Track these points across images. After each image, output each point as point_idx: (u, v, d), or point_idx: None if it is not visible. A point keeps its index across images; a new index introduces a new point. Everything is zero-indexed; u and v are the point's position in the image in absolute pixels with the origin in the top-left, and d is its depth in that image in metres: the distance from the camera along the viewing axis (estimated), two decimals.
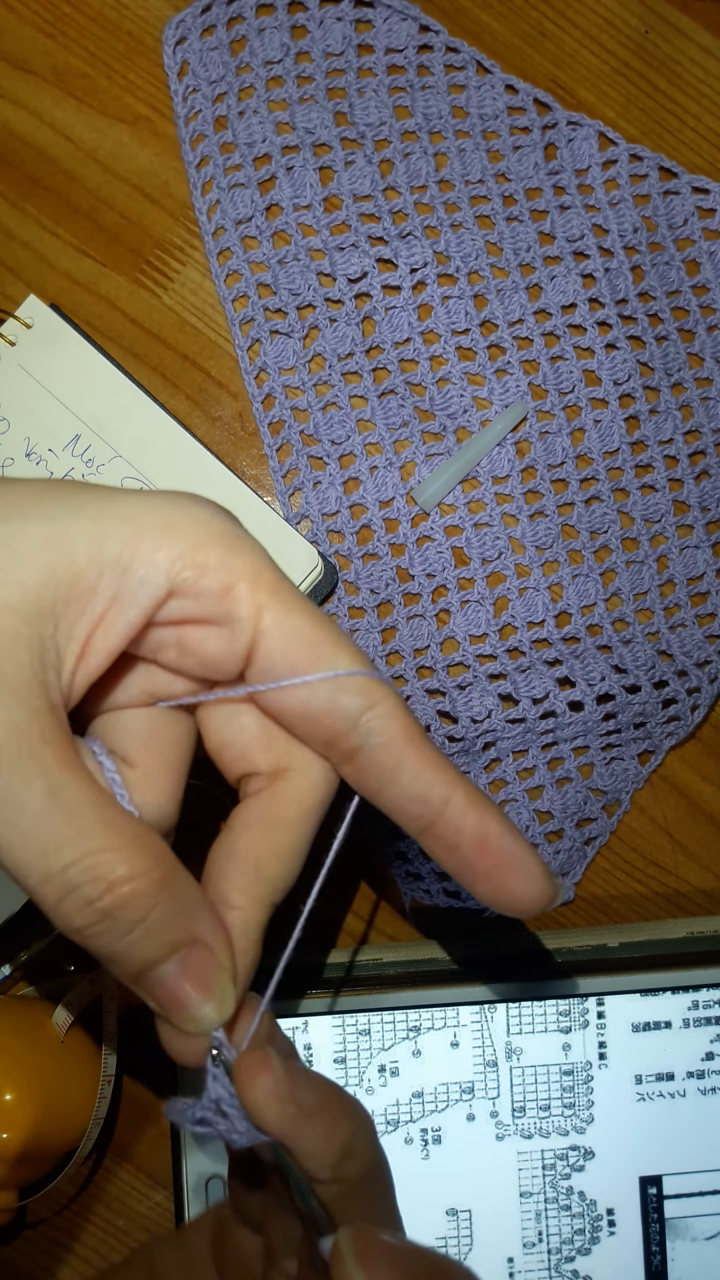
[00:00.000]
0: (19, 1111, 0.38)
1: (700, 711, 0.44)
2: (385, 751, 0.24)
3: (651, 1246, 0.40)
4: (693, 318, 0.44)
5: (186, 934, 0.23)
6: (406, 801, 0.24)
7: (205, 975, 0.23)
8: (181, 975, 0.23)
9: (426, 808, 0.24)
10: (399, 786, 0.24)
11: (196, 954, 0.23)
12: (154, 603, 0.23)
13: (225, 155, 0.44)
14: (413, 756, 0.24)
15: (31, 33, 0.44)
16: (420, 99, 0.44)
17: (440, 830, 0.24)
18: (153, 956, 0.23)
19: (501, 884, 0.24)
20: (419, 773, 0.24)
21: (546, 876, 0.24)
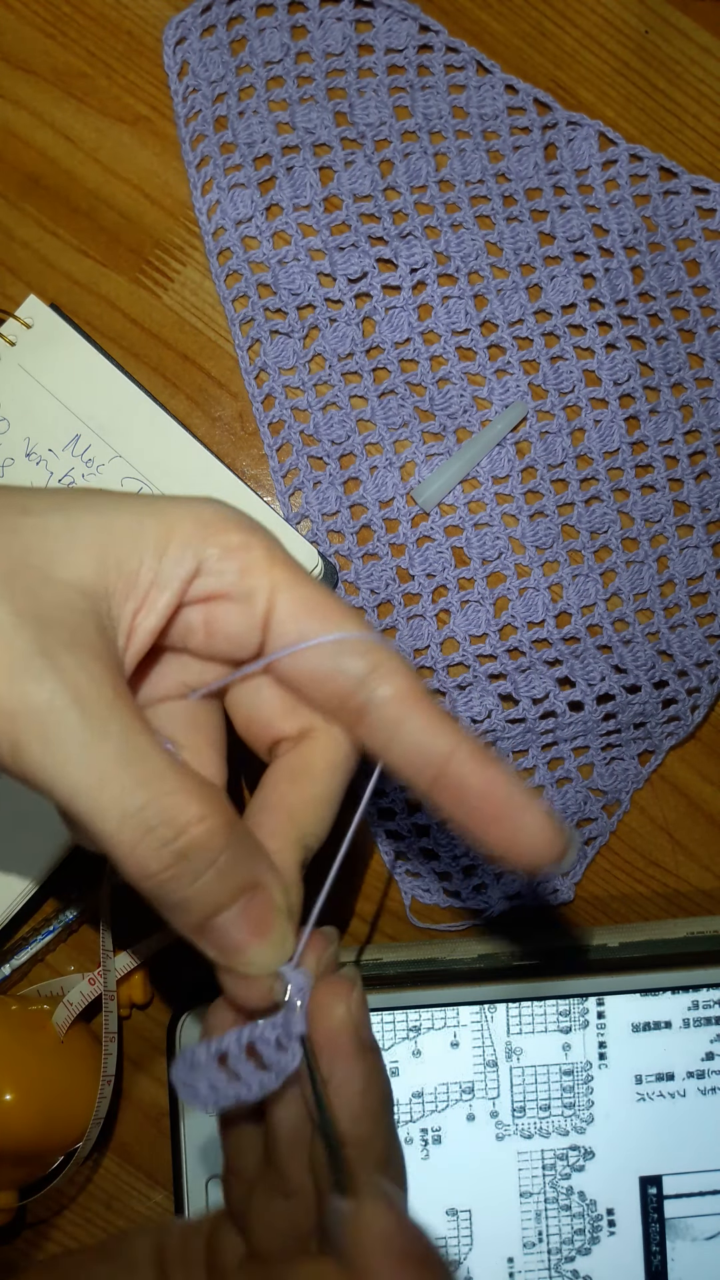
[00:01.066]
0: (19, 1111, 0.38)
1: (700, 711, 0.44)
2: (390, 707, 0.25)
3: (651, 1246, 0.40)
4: (693, 318, 0.44)
5: (251, 876, 0.24)
6: (414, 754, 0.25)
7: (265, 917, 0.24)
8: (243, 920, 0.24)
9: (432, 760, 0.25)
10: (405, 740, 0.25)
11: (257, 897, 0.24)
12: (184, 582, 0.25)
13: (225, 155, 0.44)
14: (417, 711, 0.25)
15: (31, 33, 0.44)
16: (420, 99, 0.44)
17: (447, 781, 0.25)
18: (221, 900, 0.24)
19: (510, 831, 0.25)
20: (424, 725, 0.25)
21: (555, 824, 0.25)
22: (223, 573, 0.25)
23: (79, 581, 0.24)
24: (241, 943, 0.24)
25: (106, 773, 0.22)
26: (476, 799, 0.25)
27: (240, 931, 0.24)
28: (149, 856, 0.23)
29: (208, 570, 0.25)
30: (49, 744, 0.22)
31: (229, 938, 0.24)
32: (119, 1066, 0.42)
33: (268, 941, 0.24)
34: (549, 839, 0.25)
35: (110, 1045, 0.40)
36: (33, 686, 0.22)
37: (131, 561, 0.24)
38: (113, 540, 0.24)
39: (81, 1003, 0.40)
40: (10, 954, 0.42)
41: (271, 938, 0.25)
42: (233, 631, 0.26)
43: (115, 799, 0.22)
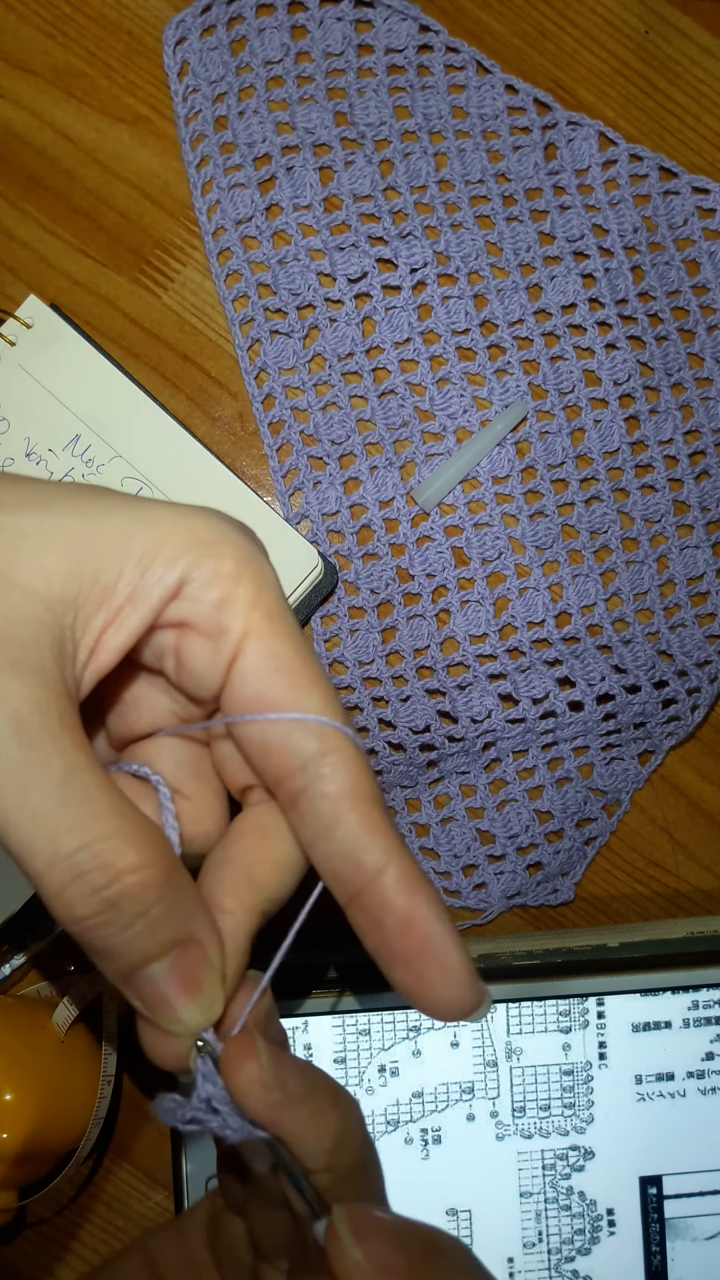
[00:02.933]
0: (19, 1111, 0.38)
1: (700, 711, 0.44)
2: (327, 801, 0.23)
3: (651, 1246, 0.40)
4: (693, 318, 0.44)
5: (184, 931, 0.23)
6: (339, 861, 0.23)
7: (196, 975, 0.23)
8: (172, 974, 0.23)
9: (357, 873, 0.23)
10: (333, 843, 0.23)
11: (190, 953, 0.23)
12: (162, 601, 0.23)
13: (225, 155, 0.44)
14: (354, 815, 0.23)
15: (31, 33, 0.44)
16: (420, 99, 0.44)
17: (366, 901, 0.23)
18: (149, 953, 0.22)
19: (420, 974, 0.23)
20: (357, 833, 0.23)
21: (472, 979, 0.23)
22: (199, 600, 0.23)
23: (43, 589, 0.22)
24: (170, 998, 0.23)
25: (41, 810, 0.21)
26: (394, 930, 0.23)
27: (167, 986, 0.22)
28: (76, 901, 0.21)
29: (187, 594, 0.23)
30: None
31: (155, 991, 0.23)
32: (119, 1066, 0.42)
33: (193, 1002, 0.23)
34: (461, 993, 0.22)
35: (110, 1045, 0.39)
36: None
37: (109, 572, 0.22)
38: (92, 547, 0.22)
39: (81, 1003, 0.40)
40: (10, 954, 0.42)
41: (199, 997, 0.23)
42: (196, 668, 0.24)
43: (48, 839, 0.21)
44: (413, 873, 0.23)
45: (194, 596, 0.23)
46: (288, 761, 0.23)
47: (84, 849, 0.21)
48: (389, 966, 0.23)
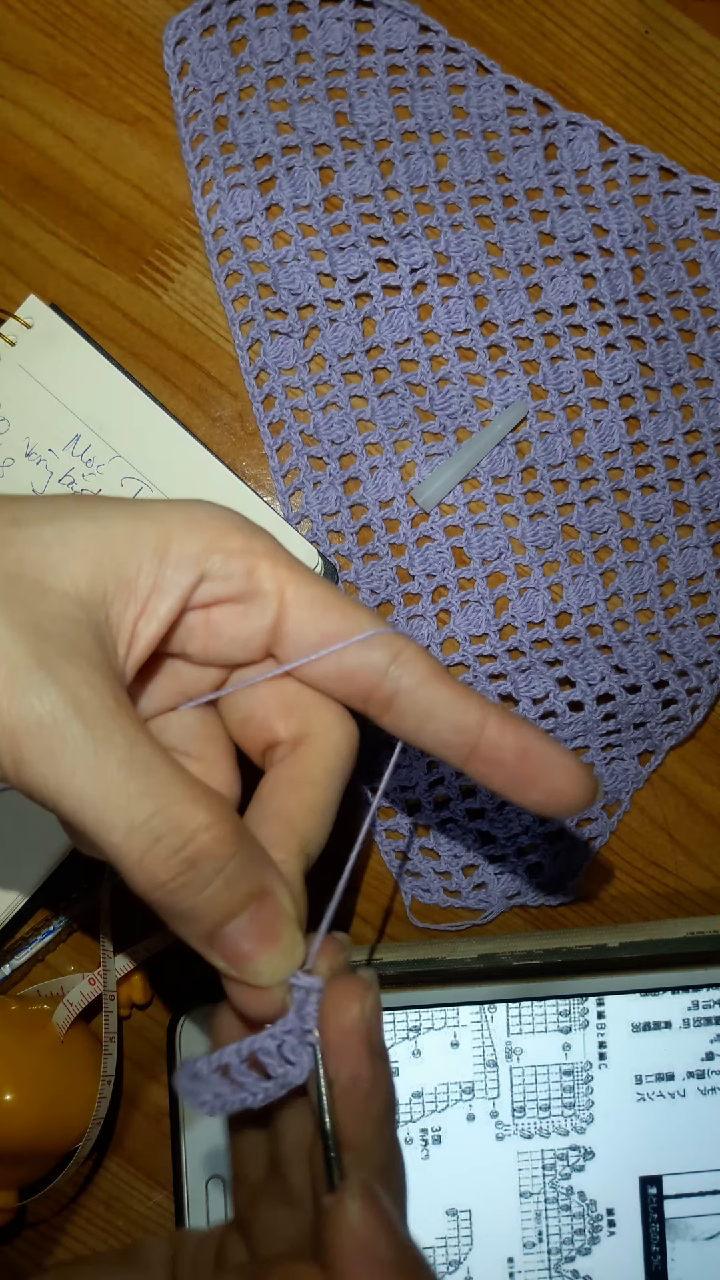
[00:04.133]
0: (19, 1111, 0.38)
1: (700, 711, 0.44)
2: (419, 690, 0.26)
3: (651, 1246, 0.40)
4: (693, 318, 0.44)
5: (260, 884, 0.24)
6: (448, 732, 0.26)
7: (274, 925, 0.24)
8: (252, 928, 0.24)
9: (467, 733, 0.26)
10: (438, 719, 0.26)
11: (266, 905, 0.24)
12: (188, 588, 0.25)
13: (225, 155, 0.44)
14: (445, 690, 0.26)
15: (31, 33, 0.44)
16: (420, 99, 0.44)
17: (484, 751, 0.26)
18: (230, 908, 0.24)
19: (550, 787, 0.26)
20: (453, 702, 0.26)
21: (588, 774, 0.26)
22: (229, 576, 0.25)
23: (75, 591, 0.24)
24: (250, 952, 0.24)
25: (112, 784, 0.22)
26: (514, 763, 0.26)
27: (249, 940, 0.24)
28: (157, 866, 0.22)
29: (212, 575, 0.25)
30: (53, 758, 0.22)
31: (238, 947, 0.24)
32: (119, 1066, 0.42)
33: (277, 949, 0.24)
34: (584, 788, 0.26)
35: (110, 1045, 0.40)
36: (33, 700, 0.22)
37: (129, 568, 0.24)
38: (109, 547, 0.24)
39: (81, 1003, 0.40)
40: (10, 954, 0.42)
41: (281, 946, 0.24)
42: (239, 634, 0.26)
43: (122, 810, 0.22)
44: (509, 714, 0.26)
45: (221, 575, 0.25)
46: (372, 676, 0.26)
47: (157, 814, 0.22)
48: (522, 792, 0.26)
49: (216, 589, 0.25)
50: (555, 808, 0.27)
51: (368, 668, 0.26)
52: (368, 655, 0.26)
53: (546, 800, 0.26)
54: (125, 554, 0.24)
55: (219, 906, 0.23)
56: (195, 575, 0.25)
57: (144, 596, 0.25)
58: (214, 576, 0.25)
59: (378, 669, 0.26)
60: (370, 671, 0.26)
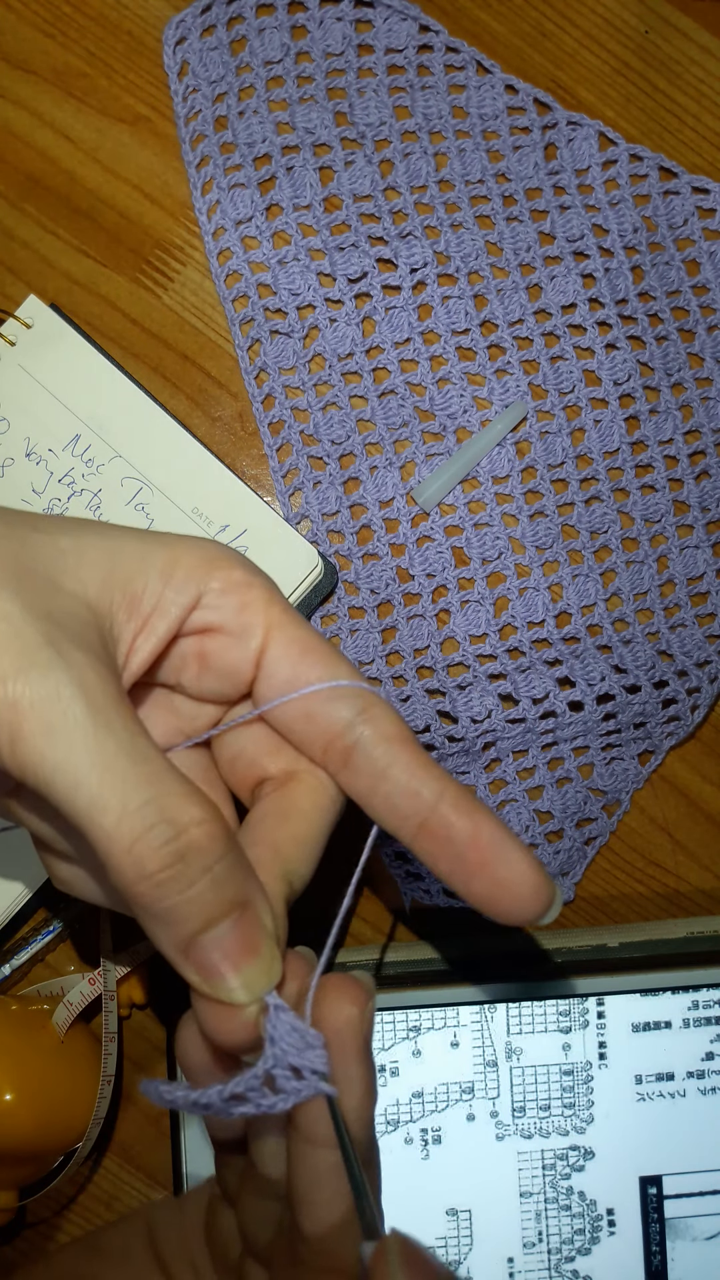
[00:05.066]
0: (19, 1111, 0.38)
1: (700, 711, 0.44)
2: (378, 748, 0.25)
3: (651, 1246, 0.40)
4: (693, 318, 0.44)
5: (243, 894, 0.24)
6: (400, 796, 0.25)
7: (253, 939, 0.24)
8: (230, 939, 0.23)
9: (419, 804, 0.25)
10: (392, 783, 0.25)
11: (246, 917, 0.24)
12: (185, 610, 0.26)
13: (225, 155, 0.44)
14: (405, 754, 0.25)
15: (31, 33, 0.44)
16: (420, 99, 0.44)
17: (434, 826, 0.25)
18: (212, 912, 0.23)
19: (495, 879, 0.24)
20: (411, 768, 0.25)
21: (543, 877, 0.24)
22: (221, 607, 0.26)
23: (84, 595, 0.24)
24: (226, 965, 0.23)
25: (110, 765, 0.22)
26: (461, 847, 0.24)
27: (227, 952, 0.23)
28: (147, 854, 0.22)
29: (207, 603, 0.26)
30: (52, 734, 0.22)
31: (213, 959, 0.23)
32: (119, 1066, 0.42)
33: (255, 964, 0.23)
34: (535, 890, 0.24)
35: (110, 1045, 0.39)
36: (39, 675, 0.22)
37: (136, 583, 0.25)
38: (118, 561, 0.25)
39: (81, 1003, 0.40)
40: (10, 954, 0.42)
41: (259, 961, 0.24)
42: (226, 666, 0.26)
43: (117, 792, 0.22)
44: (467, 793, 0.25)
45: (215, 604, 0.26)
46: (335, 725, 0.26)
47: (151, 802, 0.22)
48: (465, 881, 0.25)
49: (209, 617, 0.26)
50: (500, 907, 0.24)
51: (332, 716, 0.26)
52: (334, 705, 0.26)
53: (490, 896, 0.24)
54: (133, 569, 0.25)
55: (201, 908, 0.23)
56: (193, 598, 0.26)
57: (146, 613, 0.25)
58: (208, 605, 0.26)
59: (342, 719, 0.26)
60: (333, 720, 0.26)
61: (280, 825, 0.26)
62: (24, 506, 0.42)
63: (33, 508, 0.42)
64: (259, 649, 0.26)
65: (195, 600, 0.26)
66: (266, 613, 0.26)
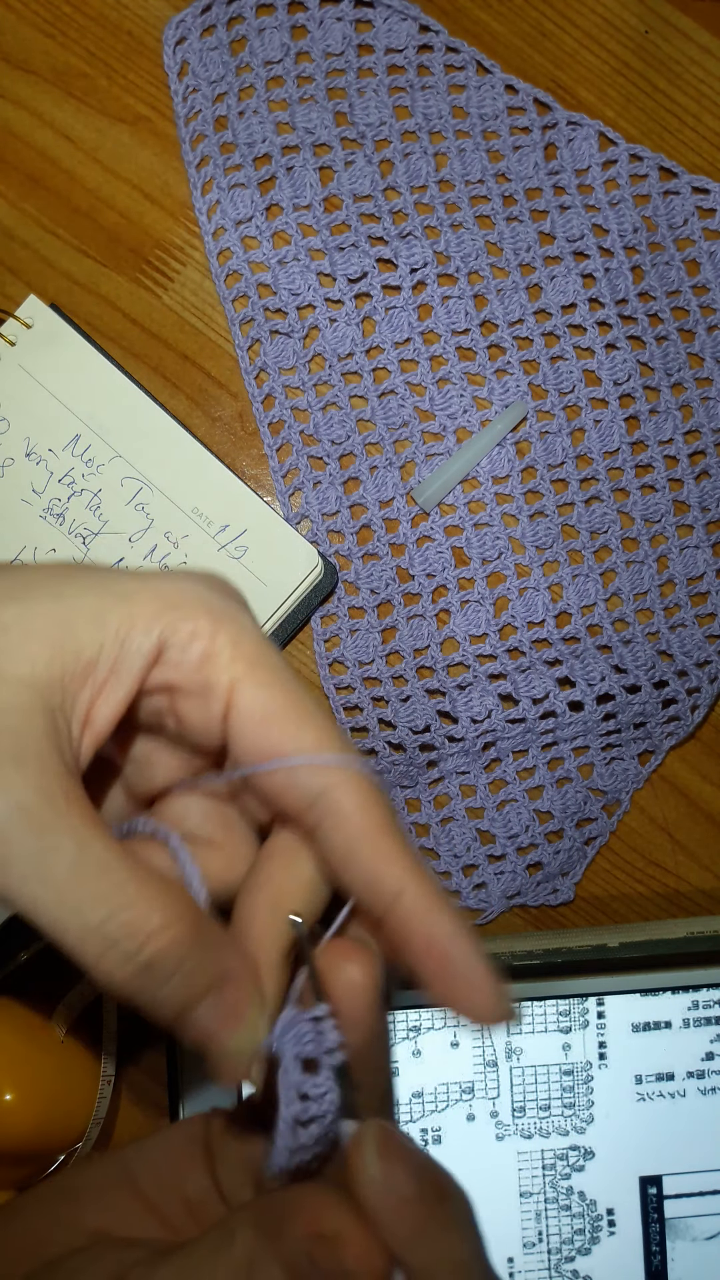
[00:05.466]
0: (19, 1111, 0.38)
1: (700, 711, 0.44)
2: (336, 838, 0.24)
3: (651, 1246, 0.40)
4: (693, 318, 0.44)
5: (219, 973, 0.24)
6: (360, 888, 0.24)
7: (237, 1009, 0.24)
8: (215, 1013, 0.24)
9: (377, 899, 0.24)
10: (350, 873, 0.24)
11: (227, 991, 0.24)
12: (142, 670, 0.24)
13: (225, 155, 0.44)
14: (366, 846, 0.24)
15: (31, 33, 0.44)
16: (420, 99, 0.44)
17: (390, 923, 0.24)
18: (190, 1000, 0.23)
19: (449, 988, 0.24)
20: (371, 862, 0.24)
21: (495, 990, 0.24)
22: (181, 662, 0.24)
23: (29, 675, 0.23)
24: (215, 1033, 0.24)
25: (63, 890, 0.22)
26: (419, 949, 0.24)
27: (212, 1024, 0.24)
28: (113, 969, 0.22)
29: (168, 659, 0.24)
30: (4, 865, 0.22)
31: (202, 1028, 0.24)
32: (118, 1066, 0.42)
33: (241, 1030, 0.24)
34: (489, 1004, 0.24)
35: (110, 1045, 0.39)
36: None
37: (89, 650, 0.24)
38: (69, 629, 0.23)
39: (81, 1003, 0.40)
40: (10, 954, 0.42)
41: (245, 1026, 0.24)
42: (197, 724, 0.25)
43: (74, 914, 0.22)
44: (428, 895, 0.24)
45: (175, 660, 0.24)
46: (296, 803, 0.24)
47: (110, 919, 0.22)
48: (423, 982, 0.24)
49: (169, 675, 0.24)
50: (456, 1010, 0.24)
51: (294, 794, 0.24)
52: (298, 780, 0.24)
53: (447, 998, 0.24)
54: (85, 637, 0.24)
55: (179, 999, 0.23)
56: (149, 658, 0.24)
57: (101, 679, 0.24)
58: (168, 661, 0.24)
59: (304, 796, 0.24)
60: (295, 798, 0.24)
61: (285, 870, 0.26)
62: (24, 507, 0.42)
63: (33, 508, 0.42)
64: (222, 711, 0.24)
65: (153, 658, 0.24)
66: (230, 669, 0.24)
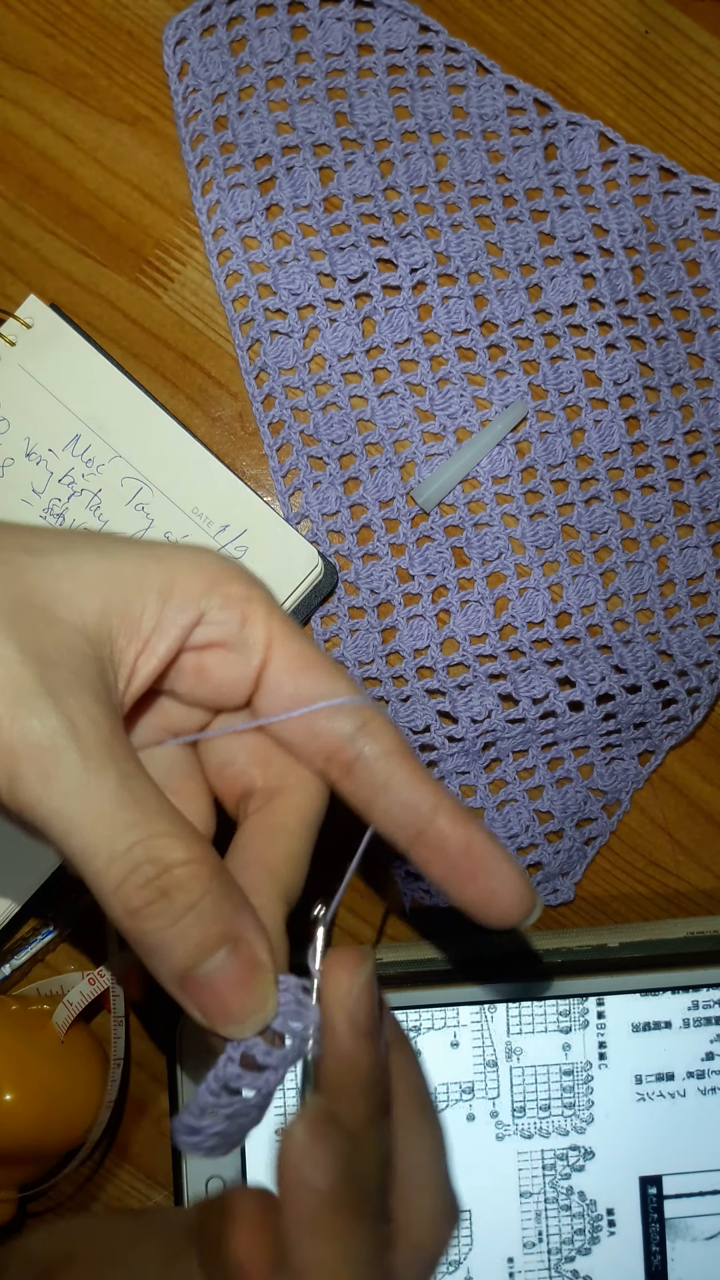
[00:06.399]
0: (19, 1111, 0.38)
1: (700, 711, 0.44)
2: (379, 762, 0.26)
3: (651, 1246, 0.40)
4: (693, 318, 0.44)
5: (233, 928, 0.24)
6: (398, 809, 0.26)
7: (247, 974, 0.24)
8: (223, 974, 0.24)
9: (416, 815, 0.26)
10: (391, 795, 0.26)
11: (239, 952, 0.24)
12: (186, 629, 0.26)
13: (225, 155, 0.44)
14: (403, 768, 0.26)
15: (31, 33, 0.44)
16: (420, 99, 0.44)
17: (430, 836, 0.26)
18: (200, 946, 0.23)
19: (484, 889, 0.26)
20: (410, 782, 0.26)
21: (528, 884, 0.26)
22: (223, 622, 0.26)
23: (82, 624, 0.24)
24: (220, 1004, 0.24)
25: (101, 813, 0.23)
26: (455, 857, 0.26)
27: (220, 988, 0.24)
28: (132, 892, 0.23)
29: (209, 619, 0.26)
30: (47, 780, 0.23)
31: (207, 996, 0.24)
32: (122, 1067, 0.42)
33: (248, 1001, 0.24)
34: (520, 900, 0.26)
35: (119, 1029, 0.39)
36: (35, 722, 0.23)
37: (135, 606, 0.25)
38: (117, 584, 0.25)
39: (81, 1002, 0.40)
40: (10, 954, 0.42)
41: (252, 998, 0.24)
42: (225, 679, 0.27)
43: (106, 839, 0.23)
44: (461, 807, 0.26)
45: (216, 620, 0.26)
46: (336, 740, 0.26)
47: (139, 845, 0.23)
48: (457, 889, 0.26)
49: (211, 632, 0.26)
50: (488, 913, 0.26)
51: (333, 731, 0.26)
52: (335, 720, 0.26)
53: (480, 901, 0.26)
54: (132, 592, 0.25)
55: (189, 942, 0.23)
56: (194, 616, 0.26)
57: (146, 634, 0.25)
58: (210, 621, 0.26)
59: (343, 734, 0.26)
60: (335, 736, 0.26)
61: (271, 846, 0.27)
62: (24, 507, 0.42)
63: (33, 508, 0.42)
64: (259, 665, 0.26)
65: (196, 618, 0.26)
66: (267, 627, 0.26)
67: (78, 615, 0.24)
